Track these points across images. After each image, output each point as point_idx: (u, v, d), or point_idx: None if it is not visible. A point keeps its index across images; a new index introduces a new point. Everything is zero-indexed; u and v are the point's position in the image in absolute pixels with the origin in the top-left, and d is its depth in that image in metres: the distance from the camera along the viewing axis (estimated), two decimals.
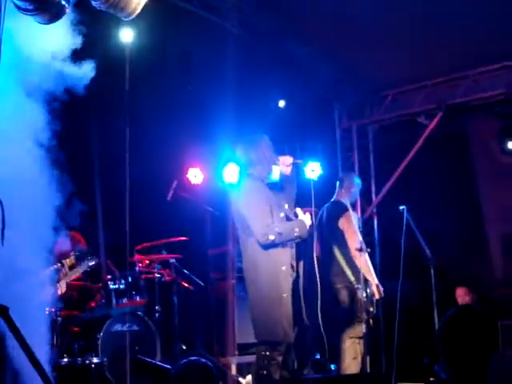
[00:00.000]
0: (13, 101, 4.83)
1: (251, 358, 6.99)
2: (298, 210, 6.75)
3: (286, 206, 6.76)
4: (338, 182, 8.42)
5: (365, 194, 10.90)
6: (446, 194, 10.47)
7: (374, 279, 7.67)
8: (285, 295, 6.47)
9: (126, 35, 9.07)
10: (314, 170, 8.69)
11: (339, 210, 8.09)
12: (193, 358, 5.85)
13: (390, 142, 11.18)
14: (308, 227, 6.65)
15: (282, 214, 6.65)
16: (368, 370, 7.68)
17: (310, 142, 10.80)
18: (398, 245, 8.15)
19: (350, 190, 8.30)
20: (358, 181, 8.64)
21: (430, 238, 8.24)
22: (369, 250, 7.68)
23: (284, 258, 6.56)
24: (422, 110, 10.71)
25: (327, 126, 11.48)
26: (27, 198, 4.92)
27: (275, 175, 6.79)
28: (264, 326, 6.50)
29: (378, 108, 11.25)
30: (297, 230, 6.55)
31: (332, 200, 8.38)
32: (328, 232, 8.18)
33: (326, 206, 8.39)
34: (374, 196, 11.17)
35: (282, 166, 6.85)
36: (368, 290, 7.76)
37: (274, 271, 6.50)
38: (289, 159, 6.91)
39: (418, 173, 10.44)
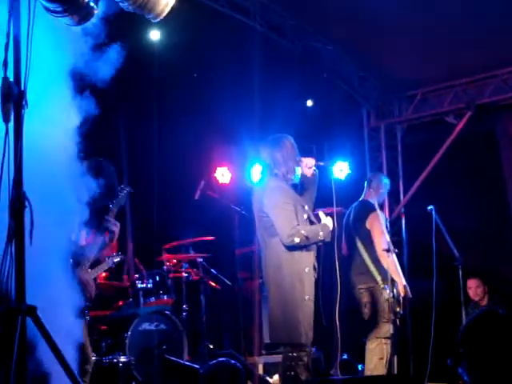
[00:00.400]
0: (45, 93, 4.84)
1: (278, 358, 6.97)
2: (321, 214, 6.73)
3: (307, 208, 6.73)
4: (366, 182, 8.39)
5: (393, 194, 10.86)
6: (474, 193, 10.42)
7: (401, 279, 7.63)
8: (307, 297, 6.44)
9: (154, 35, 9.16)
10: (342, 170, 8.68)
11: (366, 209, 8.06)
12: (222, 358, 5.84)
13: (419, 141, 11.12)
14: (331, 231, 6.62)
15: (306, 216, 6.63)
16: (395, 371, 7.65)
17: (338, 142, 10.80)
18: (425, 245, 8.13)
19: (378, 191, 8.26)
20: (386, 181, 8.61)
21: (457, 237, 8.21)
22: (396, 250, 7.64)
23: (307, 259, 6.53)
24: (451, 110, 10.66)
25: (355, 125, 11.45)
26: (56, 196, 4.93)
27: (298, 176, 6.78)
28: (285, 327, 6.47)
29: (406, 107, 11.21)
30: (321, 233, 6.51)
31: (360, 200, 8.35)
32: (355, 231, 8.16)
33: (353, 205, 8.37)
34: (401, 196, 11.12)
35: (304, 168, 6.82)
36: (395, 290, 7.73)
37: (297, 272, 6.46)
38: (311, 161, 6.88)
39: (447, 172, 10.39)
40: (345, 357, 8.91)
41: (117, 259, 8.17)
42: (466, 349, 3.23)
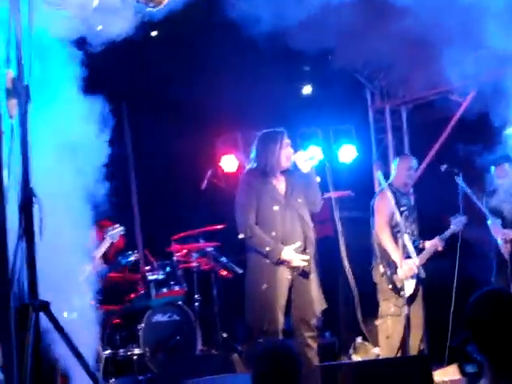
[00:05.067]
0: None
1: None
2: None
3: (299, 200, 6.71)
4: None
5: None
6: (481, 173, 10.35)
7: (399, 259, 7.53)
8: (264, 287, 6.47)
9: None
10: (348, 153, 8.63)
11: (377, 191, 8.10)
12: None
13: (425, 121, 11.06)
14: (287, 258, 6.51)
15: (276, 208, 6.61)
16: (410, 352, 7.57)
17: (344, 125, 10.76)
18: (436, 225, 8.12)
19: (397, 174, 8.17)
20: (400, 162, 8.39)
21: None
22: (409, 231, 7.61)
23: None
24: (456, 88, 10.57)
25: (360, 108, 11.37)
26: (63, 192, 4.93)
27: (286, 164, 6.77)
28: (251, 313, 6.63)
29: (411, 87, 11.12)
30: (268, 249, 6.50)
31: None
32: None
33: None
34: None
35: (300, 162, 6.80)
36: (388, 269, 7.67)
37: (258, 262, 6.60)
38: (304, 154, 6.88)
39: (454, 151, 10.33)
40: (359, 340, 8.90)
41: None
42: (474, 331, 3.16)
